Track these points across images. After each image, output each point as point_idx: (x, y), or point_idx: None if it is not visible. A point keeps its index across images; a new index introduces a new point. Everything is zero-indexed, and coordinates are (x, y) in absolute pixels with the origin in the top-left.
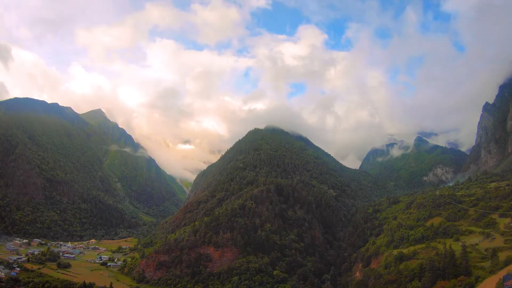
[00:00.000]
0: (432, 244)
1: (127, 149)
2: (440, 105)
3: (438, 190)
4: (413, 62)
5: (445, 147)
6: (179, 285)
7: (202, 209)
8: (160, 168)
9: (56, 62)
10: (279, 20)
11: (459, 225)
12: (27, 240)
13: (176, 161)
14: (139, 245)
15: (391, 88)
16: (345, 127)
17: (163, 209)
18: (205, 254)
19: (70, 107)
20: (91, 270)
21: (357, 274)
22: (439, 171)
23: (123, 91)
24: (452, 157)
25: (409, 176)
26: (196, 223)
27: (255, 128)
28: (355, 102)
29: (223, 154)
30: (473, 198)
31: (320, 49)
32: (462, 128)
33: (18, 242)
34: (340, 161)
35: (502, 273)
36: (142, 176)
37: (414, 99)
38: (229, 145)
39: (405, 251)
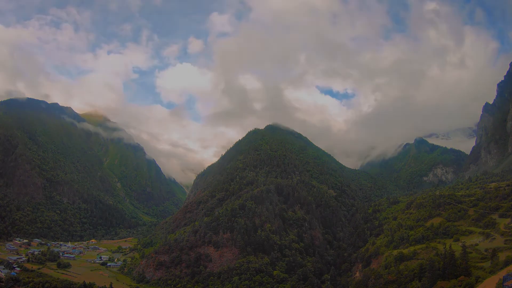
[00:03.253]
0: (432, 244)
1: (127, 149)
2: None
3: (438, 190)
4: None
5: (445, 147)
6: (179, 285)
7: (202, 209)
8: (160, 168)
9: None
10: None
11: (459, 225)
12: (27, 240)
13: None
14: (139, 245)
15: None
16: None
17: (163, 209)
18: (205, 254)
19: (70, 107)
20: (91, 270)
21: (357, 274)
22: (439, 171)
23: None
24: (452, 157)
25: (409, 176)
26: (196, 223)
27: (255, 128)
28: None
29: (223, 154)
30: (473, 198)
31: None
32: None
33: (18, 242)
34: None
35: (502, 273)
36: (142, 176)
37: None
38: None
39: (405, 251)
